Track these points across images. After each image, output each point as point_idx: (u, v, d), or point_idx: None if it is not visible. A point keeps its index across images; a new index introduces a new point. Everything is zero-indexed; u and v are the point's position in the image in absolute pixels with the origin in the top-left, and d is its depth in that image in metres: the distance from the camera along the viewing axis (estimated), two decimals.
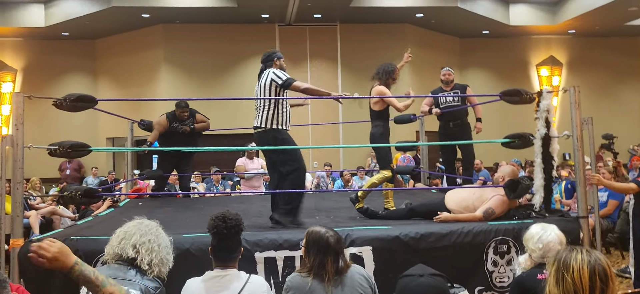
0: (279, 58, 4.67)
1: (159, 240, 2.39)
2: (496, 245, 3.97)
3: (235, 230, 2.50)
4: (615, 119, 13.61)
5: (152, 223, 2.45)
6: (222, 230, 2.49)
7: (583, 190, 4.14)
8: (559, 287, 1.70)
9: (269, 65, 4.62)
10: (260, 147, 4.51)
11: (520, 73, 14.11)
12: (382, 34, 12.76)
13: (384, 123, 4.97)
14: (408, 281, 1.86)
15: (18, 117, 3.84)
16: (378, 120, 4.98)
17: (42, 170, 10.81)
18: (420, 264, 2.19)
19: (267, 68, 4.57)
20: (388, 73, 4.99)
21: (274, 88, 4.41)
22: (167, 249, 2.44)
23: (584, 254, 1.73)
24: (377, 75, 5.05)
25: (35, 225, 6.95)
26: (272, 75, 4.43)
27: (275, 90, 4.41)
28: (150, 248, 2.32)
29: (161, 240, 2.41)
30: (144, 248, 2.31)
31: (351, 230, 3.96)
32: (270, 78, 4.42)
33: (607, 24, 12.95)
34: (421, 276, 1.85)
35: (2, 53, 12.92)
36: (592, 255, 1.73)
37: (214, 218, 2.54)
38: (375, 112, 5.00)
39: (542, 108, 4.36)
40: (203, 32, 12.45)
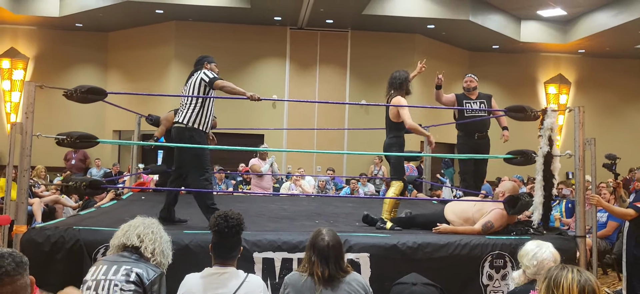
0: (210, 62, 4.75)
1: (161, 233, 2.62)
2: (493, 259, 3.99)
3: (236, 229, 2.55)
4: (621, 140, 13.58)
5: (155, 220, 2.68)
6: (223, 229, 2.54)
7: (582, 210, 4.16)
8: None
9: (199, 68, 4.67)
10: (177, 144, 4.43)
11: (528, 89, 14.11)
12: (393, 43, 12.81)
13: (401, 135, 4.88)
14: (401, 288, 1.90)
15: (28, 105, 3.91)
16: (395, 131, 4.87)
17: (48, 159, 10.90)
18: (414, 273, 2.23)
19: (197, 71, 4.62)
20: (402, 81, 4.93)
21: (203, 87, 4.46)
22: (168, 244, 2.64)
23: (574, 273, 1.76)
24: (393, 84, 4.95)
25: (38, 212, 7.02)
26: (202, 74, 4.51)
27: (204, 89, 4.47)
28: (153, 238, 2.53)
29: (163, 234, 2.64)
30: (147, 237, 2.51)
31: (349, 236, 4.00)
32: (200, 77, 4.49)
33: (617, 46, 12.94)
34: (415, 284, 1.89)
35: (16, 41, 13.07)
36: (583, 275, 1.76)
37: (216, 216, 2.60)
38: (393, 123, 4.86)
39: (545, 126, 4.39)
40: (215, 31, 12.55)
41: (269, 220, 5.04)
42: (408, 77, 5.01)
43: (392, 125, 4.86)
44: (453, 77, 13.84)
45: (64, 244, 3.68)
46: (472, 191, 6.09)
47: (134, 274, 2.40)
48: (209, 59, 4.77)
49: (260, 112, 12.20)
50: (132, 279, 2.39)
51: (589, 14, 11.90)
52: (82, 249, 3.66)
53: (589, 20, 11.97)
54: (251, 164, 8.64)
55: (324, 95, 12.66)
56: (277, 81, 12.73)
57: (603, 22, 11.55)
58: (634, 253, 4.52)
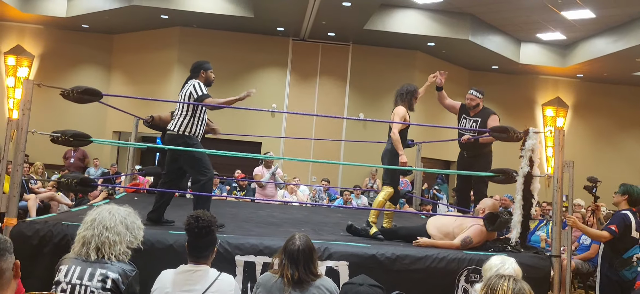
0: (206, 70, 4.79)
1: (118, 228, 2.48)
2: (468, 274, 4.09)
3: (206, 230, 2.67)
4: (615, 166, 13.68)
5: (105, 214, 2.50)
6: (193, 228, 2.67)
7: (558, 230, 4.26)
8: None
9: (195, 75, 4.74)
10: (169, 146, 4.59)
11: (526, 111, 14.22)
12: (393, 58, 12.97)
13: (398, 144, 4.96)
14: (349, 288, 2.03)
15: (26, 103, 4.06)
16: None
17: (48, 156, 11.06)
18: (363, 275, 2.36)
19: (192, 78, 4.70)
20: (411, 93, 5.06)
21: (192, 100, 4.56)
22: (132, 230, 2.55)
23: (510, 282, 1.88)
24: (400, 96, 5.09)
25: (33, 208, 7.16)
26: (191, 87, 4.59)
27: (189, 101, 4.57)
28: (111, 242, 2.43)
29: (120, 227, 2.49)
30: (105, 246, 2.42)
31: (330, 244, 4.11)
32: (190, 91, 4.58)
33: (615, 72, 13.07)
34: (361, 285, 2.01)
35: (22, 39, 13.29)
36: (518, 284, 1.88)
37: (189, 216, 2.73)
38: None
39: (527, 147, 4.51)
40: (218, 38, 12.74)
41: (256, 225, 5.16)
42: (415, 92, 5.13)
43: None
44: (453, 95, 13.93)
45: (52, 238, 3.81)
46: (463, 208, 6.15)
47: (111, 282, 2.43)
48: (205, 66, 4.80)
49: (258, 120, 12.36)
50: (108, 287, 2.42)
51: (588, 40, 12.04)
52: (69, 244, 3.76)
53: (588, 45, 12.11)
54: (254, 173, 8.80)
55: (323, 107, 12.81)
56: (277, 90, 12.89)
57: (601, 48, 11.68)
58: (607, 274, 4.62)
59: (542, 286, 4.11)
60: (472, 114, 6.07)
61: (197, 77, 4.72)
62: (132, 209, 2.62)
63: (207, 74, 4.77)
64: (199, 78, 4.70)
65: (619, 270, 4.58)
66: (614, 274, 4.61)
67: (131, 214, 2.61)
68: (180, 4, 11.28)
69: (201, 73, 4.74)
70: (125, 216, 2.56)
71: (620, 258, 4.57)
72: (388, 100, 12.97)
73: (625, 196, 4.75)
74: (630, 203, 4.73)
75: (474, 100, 6.07)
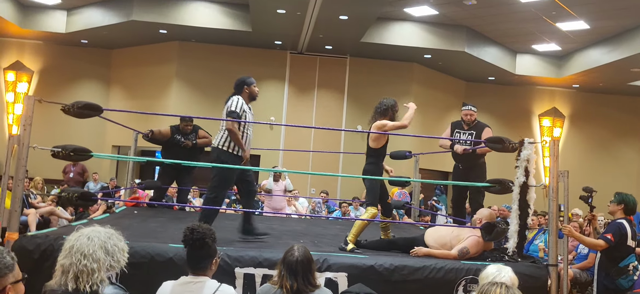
0: (249, 85, 4.90)
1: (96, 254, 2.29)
2: (466, 284, 4.13)
3: (201, 243, 2.70)
4: (612, 175, 13.75)
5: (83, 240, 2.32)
6: (189, 240, 2.72)
7: (554, 239, 4.30)
8: None
9: (238, 91, 4.86)
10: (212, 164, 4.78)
11: (523, 121, 14.31)
12: (390, 71, 13.07)
13: (378, 161, 4.96)
14: None
15: (27, 118, 4.11)
16: (373, 157, 4.95)
17: (47, 171, 11.09)
18: (360, 284, 2.41)
19: (234, 94, 4.84)
20: (388, 107, 4.95)
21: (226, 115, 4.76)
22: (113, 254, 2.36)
23: (502, 288, 1.93)
24: (378, 110, 4.99)
25: (33, 223, 7.19)
26: (229, 102, 4.76)
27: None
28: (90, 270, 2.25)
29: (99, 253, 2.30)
30: (83, 275, 2.26)
31: (329, 255, 4.15)
32: (227, 105, 4.77)
33: (611, 82, 13.18)
34: (358, 293, 2.05)
35: (21, 54, 13.37)
36: (510, 290, 1.92)
37: (186, 228, 2.77)
38: (371, 148, 4.94)
39: (522, 157, 4.56)
40: (216, 52, 12.83)
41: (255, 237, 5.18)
42: (394, 105, 5.06)
43: (370, 151, 4.96)
44: (449, 107, 14.09)
45: (53, 252, 3.83)
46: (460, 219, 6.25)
47: None
48: (247, 81, 4.91)
49: (257, 133, 12.35)
50: None
51: (583, 50, 12.16)
52: None
53: (583, 56, 12.22)
54: (261, 184, 8.94)
55: (321, 119, 12.88)
56: (275, 103, 12.96)
57: (596, 59, 11.79)
58: (604, 283, 4.65)
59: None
60: (466, 128, 6.21)
61: (240, 93, 4.85)
62: (114, 231, 2.46)
63: (250, 89, 4.89)
64: (242, 95, 4.84)
65: (615, 279, 4.61)
66: (610, 283, 4.65)
67: (113, 236, 2.42)
68: (179, 18, 11.39)
69: (245, 89, 4.87)
70: (105, 240, 2.37)
71: (617, 267, 4.61)
72: None
73: (621, 205, 4.79)
74: (626, 212, 4.78)
75: (473, 115, 6.23)
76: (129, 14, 11.26)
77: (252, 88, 4.88)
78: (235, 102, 4.75)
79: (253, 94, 4.89)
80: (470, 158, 6.06)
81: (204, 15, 11.40)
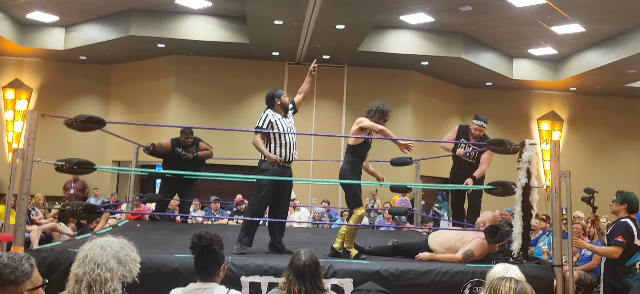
0: (279, 96, 5.02)
1: (109, 264, 2.32)
2: (472, 287, 4.13)
3: (209, 249, 2.71)
4: (612, 176, 13.78)
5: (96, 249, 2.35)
6: (196, 247, 2.73)
7: (558, 240, 4.31)
8: None
9: (270, 105, 5.01)
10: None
11: (522, 126, 14.36)
12: (388, 79, 13.13)
13: (356, 161, 4.85)
14: None
15: (30, 132, 4.13)
16: (350, 155, 4.86)
17: (47, 188, 11.06)
18: (371, 282, 2.41)
19: (267, 109, 4.99)
20: (377, 109, 4.85)
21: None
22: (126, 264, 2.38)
23: (512, 282, 1.94)
24: (369, 113, 4.88)
25: (35, 239, 7.18)
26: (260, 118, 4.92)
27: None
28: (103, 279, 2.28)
29: (112, 263, 2.33)
30: (97, 284, 2.28)
31: (334, 262, 4.16)
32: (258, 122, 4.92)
33: (607, 84, 13.25)
34: (369, 291, 2.06)
35: (20, 72, 13.41)
36: (519, 284, 1.94)
37: (193, 235, 2.79)
38: (350, 146, 4.88)
39: (523, 159, 4.58)
40: (215, 65, 12.88)
41: (260, 246, 5.19)
42: (385, 112, 4.90)
43: (349, 149, 4.90)
44: (447, 113, 14.15)
45: (59, 265, 3.84)
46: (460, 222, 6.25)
47: None
48: (278, 94, 5.02)
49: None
50: None
51: (579, 53, 12.24)
52: None
53: (579, 59, 12.30)
54: None
55: (321, 129, 12.91)
56: None
57: (592, 61, 11.87)
58: (611, 283, 4.65)
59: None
60: (472, 140, 6.12)
61: (272, 107, 4.97)
62: (127, 240, 2.48)
63: (281, 100, 5.00)
64: (275, 108, 4.96)
65: (622, 278, 4.60)
66: (617, 283, 4.64)
67: (125, 246, 2.43)
68: (176, 32, 11.45)
69: (276, 101, 4.98)
70: (118, 249, 2.39)
71: (624, 266, 4.60)
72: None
73: (624, 204, 4.79)
74: (629, 211, 4.78)
75: (482, 131, 6.15)
76: (127, 30, 11.32)
77: (283, 99, 5.01)
78: (263, 118, 4.92)
79: (285, 105, 5.02)
80: (472, 168, 6.05)
81: (201, 29, 11.47)
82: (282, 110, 5.04)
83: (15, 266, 1.89)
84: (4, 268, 1.87)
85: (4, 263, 1.89)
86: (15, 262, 1.90)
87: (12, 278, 1.86)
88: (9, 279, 1.86)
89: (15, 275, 1.87)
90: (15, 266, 1.89)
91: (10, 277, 1.86)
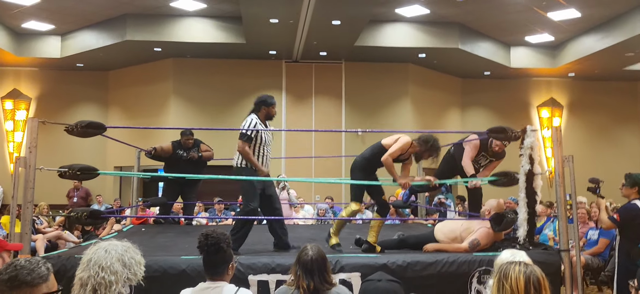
0: (268, 105, 4.88)
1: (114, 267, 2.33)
2: (480, 275, 4.13)
3: (216, 248, 2.72)
4: (614, 160, 13.78)
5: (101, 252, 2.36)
6: (203, 246, 2.75)
7: (564, 225, 4.31)
8: None
9: (255, 110, 4.87)
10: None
11: (522, 113, 14.35)
12: (386, 73, 13.12)
13: (373, 166, 4.83)
14: (368, 284, 2.09)
15: (32, 140, 4.12)
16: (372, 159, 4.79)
17: (50, 197, 11.06)
18: (381, 271, 2.42)
19: (251, 113, 4.85)
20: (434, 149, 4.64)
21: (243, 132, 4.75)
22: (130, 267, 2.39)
23: (521, 266, 1.95)
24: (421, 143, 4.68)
25: (41, 248, 7.19)
26: (245, 122, 4.77)
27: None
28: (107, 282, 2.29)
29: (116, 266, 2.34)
30: (102, 288, 2.29)
31: (341, 257, 4.16)
32: (243, 124, 4.78)
33: (606, 68, 13.23)
34: (379, 280, 2.07)
35: (18, 82, 13.40)
36: (529, 267, 1.94)
37: (200, 235, 2.80)
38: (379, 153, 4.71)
39: (526, 145, 4.58)
40: (212, 66, 12.87)
41: (265, 245, 5.19)
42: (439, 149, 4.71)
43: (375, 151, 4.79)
44: (447, 105, 14.14)
45: (66, 272, 3.84)
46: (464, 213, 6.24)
47: None
48: (267, 101, 4.89)
49: None
50: None
51: (576, 39, 12.22)
52: None
53: (577, 44, 12.29)
54: None
55: (321, 126, 12.90)
56: None
57: (590, 46, 11.85)
58: (625, 265, 4.64)
59: (554, 282, 4.14)
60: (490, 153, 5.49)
61: (257, 112, 4.86)
62: (131, 244, 2.48)
63: (268, 110, 4.89)
64: (259, 114, 4.85)
65: (636, 260, 4.60)
66: (631, 265, 4.62)
67: (130, 249, 2.44)
68: (173, 35, 11.43)
69: (262, 108, 4.87)
70: (122, 252, 2.39)
71: (637, 248, 4.60)
72: (384, 114, 13.18)
73: (635, 187, 4.78)
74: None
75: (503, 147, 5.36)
76: (123, 35, 11.30)
77: (270, 109, 4.89)
78: (248, 123, 4.77)
79: (271, 114, 4.92)
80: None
81: (197, 31, 11.45)
82: (265, 119, 4.91)
83: (32, 268, 1.90)
84: (21, 269, 1.89)
85: (21, 265, 1.90)
86: (33, 265, 1.92)
87: (28, 279, 1.88)
88: (25, 281, 1.87)
89: (31, 277, 1.88)
90: (33, 269, 1.90)
91: (27, 278, 1.88)
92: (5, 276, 1.88)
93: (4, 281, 1.87)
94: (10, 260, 1.96)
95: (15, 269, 1.89)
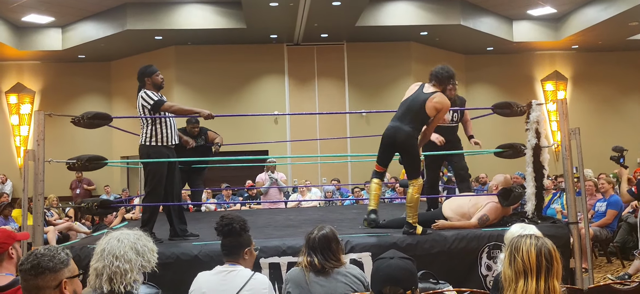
0: (150, 75, 4.54)
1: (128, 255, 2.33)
2: (490, 250, 4.16)
3: (229, 229, 2.78)
4: (620, 132, 13.71)
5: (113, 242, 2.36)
6: (219, 229, 2.84)
7: (572, 197, 4.32)
8: (511, 267, 1.93)
9: (141, 85, 4.55)
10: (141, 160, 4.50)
11: (526, 88, 14.28)
12: (388, 52, 13.06)
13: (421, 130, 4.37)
14: (380, 263, 2.11)
15: (39, 133, 4.15)
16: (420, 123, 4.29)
17: (56, 189, 11.14)
18: (393, 249, 2.45)
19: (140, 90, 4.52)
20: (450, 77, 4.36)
21: (147, 112, 4.42)
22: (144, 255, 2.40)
23: (532, 238, 1.97)
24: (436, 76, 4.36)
25: (52, 239, 7.27)
26: (141, 99, 4.43)
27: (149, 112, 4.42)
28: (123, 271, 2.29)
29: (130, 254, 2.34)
30: (117, 276, 2.29)
31: (351, 237, 4.19)
32: (141, 103, 4.44)
33: (610, 39, 13.12)
34: (392, 258, 2.09)
35: (21, 76, 13.42)
36: (540, 240, 1.96)
37: (218, 218, 2.88)
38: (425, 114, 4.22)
39: (532, 119, 4.58)
40: (214, 53, 12.84)
41: (275, 229, 5.23)
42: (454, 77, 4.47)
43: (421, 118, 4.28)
44: None
45: (79, 262, 3.85)
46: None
47: None
48: (149, 71, 4.56)
49: (262, 128, 12.45)
50: None
51: (579, 10, 12.11)
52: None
53: (579, 15, 12.18)
54: (257, 181, 8.87)
55: (324, 108, 12.89)
56: (277, 97, 12.98)
57: (593, 17, 11.75)
58: None
59: (564, 254, 4.15)
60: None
61: (145, 86, 4.55)
62: (142, 232, 2.50)
63: (152, 79, 4.56)
64: (147, 87, 4.54)
65: None
66: None
67: (142, 237, 2.45)
68: (173, 23, 11.39)
69: (146, 81, 4.56)
70: (134, 240, 2.40)
71: None
72: (388, 94, 13.12)
73: None
74: None
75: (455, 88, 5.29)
76: (123, 24, 11.28)
77: (155, 78, 4.57)
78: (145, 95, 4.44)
79: (157, 83, 4.57)
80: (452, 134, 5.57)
81: (197, 17, 11.41)
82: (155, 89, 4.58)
83: (52, 255, 1.95)
84: (42, 257, 1.94)
85: (42, 253, 1.96)
86: (52, 251, 1.97)
87: (51, 265, 1.92)
88: (48, 267, 1.92)
89: (53, 263, 1.93)
90: (53, 255, 1.95)
91: (49, 264, 1.92)
92: (27, 265, 1.93)
93: (27, 270, 1.92)
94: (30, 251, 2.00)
95: (36, 258, 1.94)
